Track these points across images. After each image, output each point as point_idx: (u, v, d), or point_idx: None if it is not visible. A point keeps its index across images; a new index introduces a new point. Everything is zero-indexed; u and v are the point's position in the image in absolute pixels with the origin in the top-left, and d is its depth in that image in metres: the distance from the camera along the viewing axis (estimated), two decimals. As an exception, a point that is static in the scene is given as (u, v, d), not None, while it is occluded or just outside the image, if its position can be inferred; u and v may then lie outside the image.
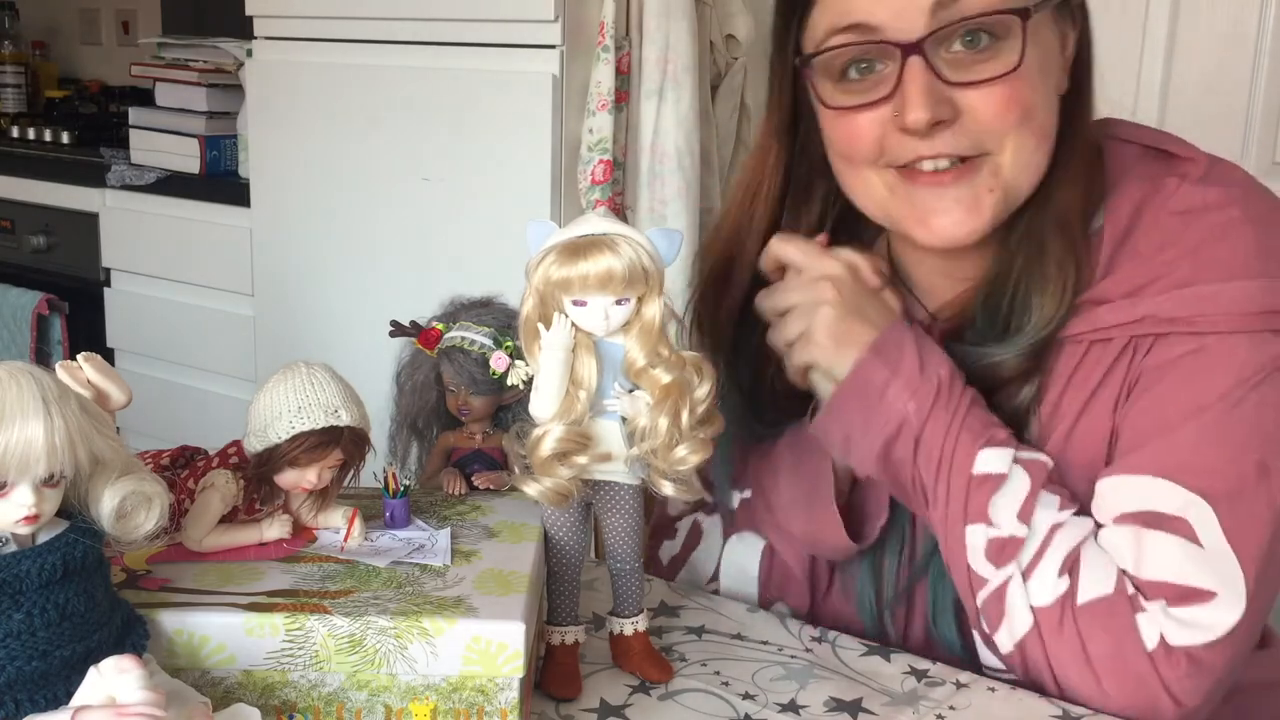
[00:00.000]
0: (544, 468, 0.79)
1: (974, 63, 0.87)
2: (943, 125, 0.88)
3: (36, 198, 2.83)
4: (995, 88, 0.87)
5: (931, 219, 0.92)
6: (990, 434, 0.91)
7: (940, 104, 0.87)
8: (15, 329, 2.84)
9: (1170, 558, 0.86)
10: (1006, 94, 0.87)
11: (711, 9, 2.17)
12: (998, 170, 0.90)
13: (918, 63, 0.86)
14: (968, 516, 0.90)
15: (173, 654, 0.72)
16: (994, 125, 0.88)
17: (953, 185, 0.90)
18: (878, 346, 0.93)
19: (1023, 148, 0.90)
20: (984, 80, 0.87)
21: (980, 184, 0.90)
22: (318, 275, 2.36)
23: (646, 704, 0.85)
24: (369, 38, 2.21)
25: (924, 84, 0.86)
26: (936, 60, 0.87)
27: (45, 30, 3.72)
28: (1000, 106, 0.87)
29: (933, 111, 0.87)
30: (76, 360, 0.70)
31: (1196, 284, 0.89)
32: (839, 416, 0.94)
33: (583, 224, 0.79)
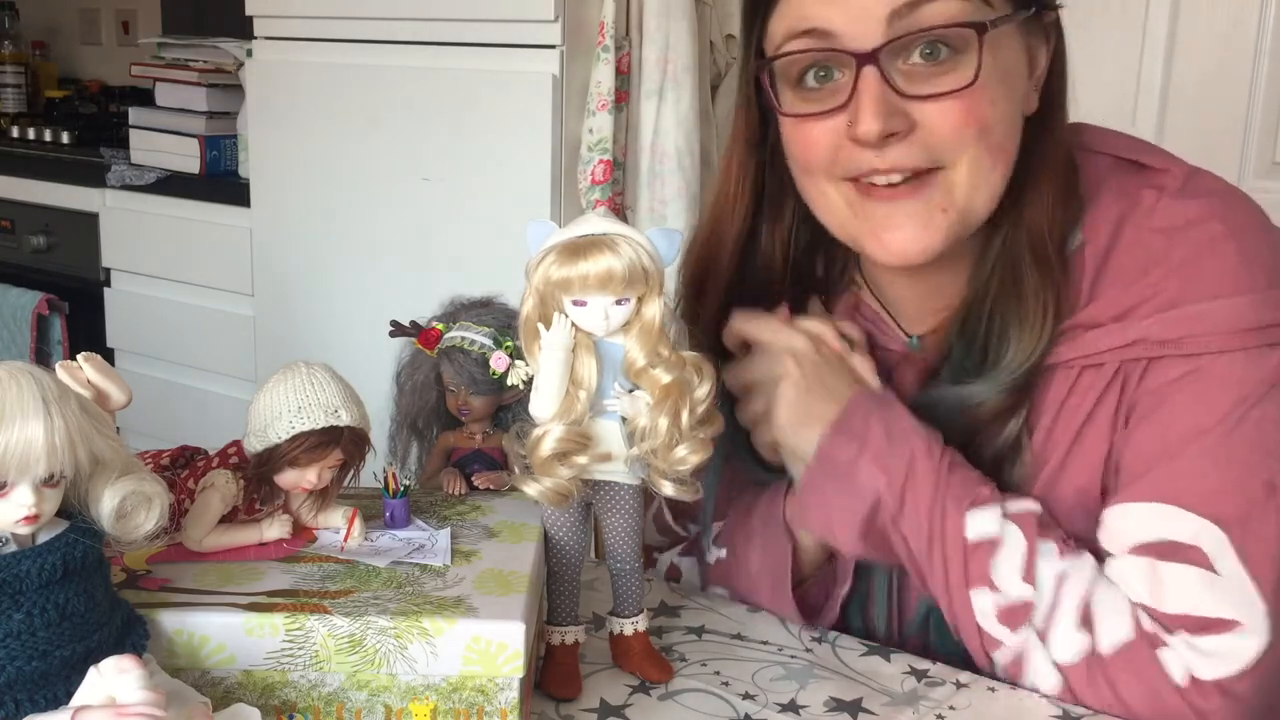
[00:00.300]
0: (544, 468, 0.79)
1: (931, 75, 0.85)
2: (896, 137, 0.86)
3: (36, 198, 2.84)
4: (951, 102, 0.84)
5: (885, 234, 0.90)
6: (974, 494, 0.90)
7: (893, 116, 0.85)
8: (15, 329, 2.84)
9: (1188, 589, 0.85)
10: (963, 108, 0.85)
11: (711, 9, 2.17)
12: (951, 188, 0.87)
13: (872, 73, 0.84)
14: (969, 582, 0.89)
15: (173, 654, 0.72)
16: (949, 139, 0.86)
17: (906, 200, 0.88)
18: (841, 423, 0.91)
19: (978, 165, 0.87)
20: (940, 94, 0.84)
21: (933, 201, 0.88)
22: (318, 275, 2.36)
23: (646, 704, 0.85)
24: (369, 38, 2.21)
25: (877, 94, 0.84)
26: (892, 71, 0.85)
27: (45, 30, 3.72)
28: (956, 121, 0.85)
29: (885, 123, 0.84)
30: (76, 360, 0.70)
31: (1184, 304, 0.87)
32: (813, 500, 0.93)
33: (583, 224, 0.79)
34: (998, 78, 0.86)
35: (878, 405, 0.93)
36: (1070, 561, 0.89)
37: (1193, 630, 0.85)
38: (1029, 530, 0.89)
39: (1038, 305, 0.90)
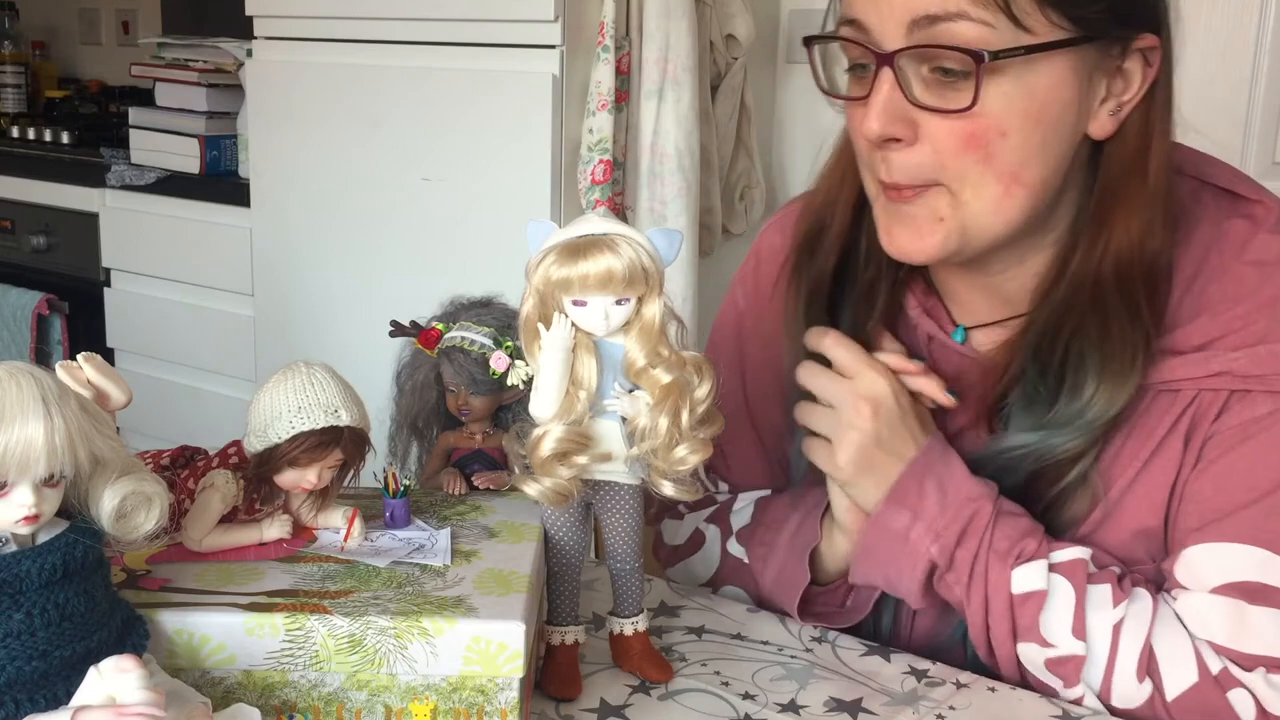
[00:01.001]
0: (544, 468, 0.79)
1: (941, 90, 0.84)
2: (901, 144, 0.86)
3: (36, 198, 2.84)
4: (955, 121, 0.84)
5: (891, 230, 0.92)
6: (1020, 548, 0.90)
7: (897, 121, 0.85)
8: (15, 329, 2.84)
9: (1274, 632, 0.85)
10: (965, 131, 0.84)
11: (711, 9, 2.17)
12: (955, 204, 0.88)
13: (887, 74, 0.85)
14: (1017, 636, 0.89)
15: (173, 654, 0.72)
16: (949, 159, 0.86)
17: (908, 203, 0.89)
18: (897, 493, 0.92)
19: (984, 189, 0.86)
20: (941, 110, 0.84)
21: (933, 209, 0.88)
22: (318, 275, 2.36)
23: (646, 704, 0.85)
24: (369, 38, 2.21)
25: (886, 96, 0.85)
26: (909, 76, 0.85)
27: (45, 30, 3.72)
28: (957, 142, 0.85)
29: (885, 127, 0.85)
30: (76, 360, 0.70)
31: (1272, 341, 0.87)
32: (871, 564, 0.94)
33: (583, 224, 0.79)
34: (1017, 111, 0.84)
35: (934, 467, 0.93)
36: (1127, 607, 0.89)
37: (1271, 669, 0.85)
38: (1078, 582, 0.89)
39: (1125, 352, 0.89)
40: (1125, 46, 0.88)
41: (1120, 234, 0.90)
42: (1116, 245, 0.90)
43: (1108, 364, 0.89)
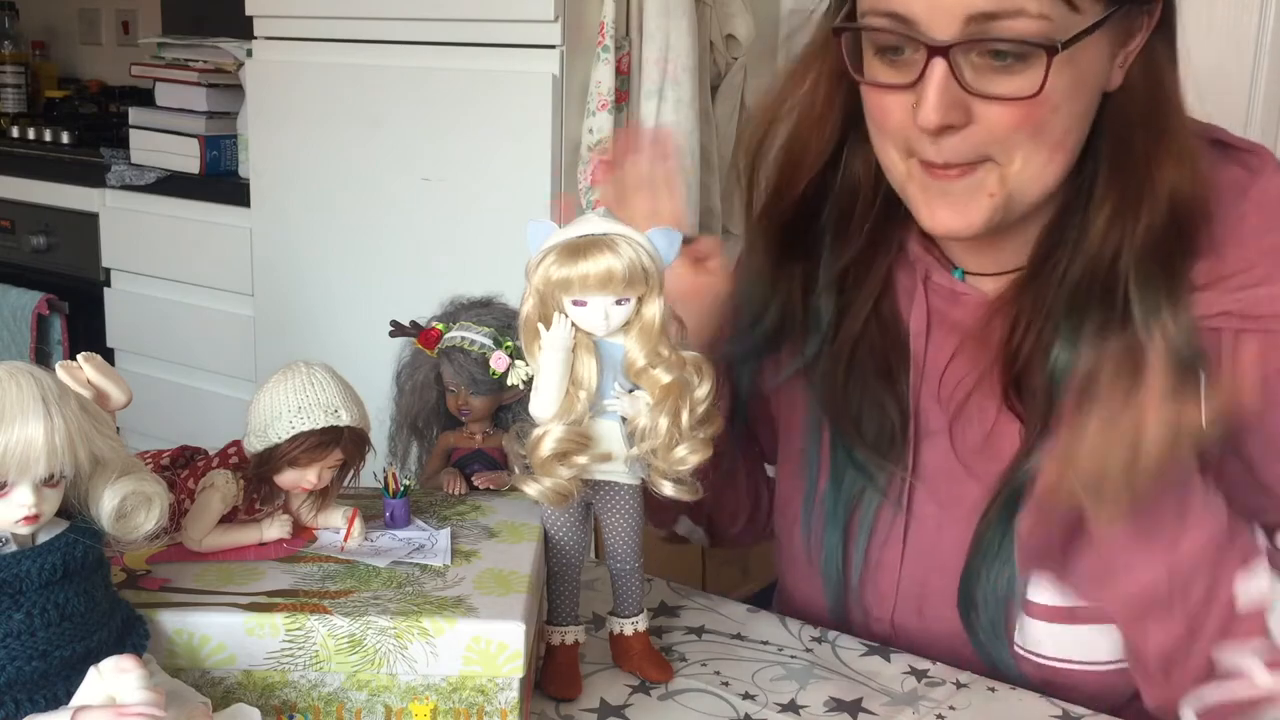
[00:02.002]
0: (544, 468, 0.79)
1: (996, 75, 0.86)
2: (952, 130, 0.88)
3: (36, 198, 2.83)
4: (1011, 106, 0.86)
5: (933, 208, 0.93)
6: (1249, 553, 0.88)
7: (954, 109, 0.86)
8: (15, 329, 2.84)
9: None
10: (1022, 114, 0.86)
11: (711, 9, 2.17)
12: (1004, 178, 0.90)
13: (941, 65, 0.85)
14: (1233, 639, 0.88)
15: (173, 654, 0.72)
16: (1003, 139, 0.88)
17: (956, 180, 0.90)
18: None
19: (1032, 160, 0.89)
20: (1002, 97, 0.86)
21: (984, 185, 0.90)
22: (318, 275, 2.36)
23: (646, 704, 0.85)
24: (369, 38, 2.21)
25: (942, 87, 0.86)
26: (962, 64, 0.86)
27: (45, 30, 3.71)
28: (1012, 123, 0.87)
29: (944, 117, 0.86)
30: (76, 360, 0.70)
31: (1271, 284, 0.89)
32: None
33: (583, 224, 0.79)
34: (1067, 86, 0.87)
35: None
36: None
37: None
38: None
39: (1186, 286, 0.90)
40: (1144, 6, 0.90)
41: (1171, 175, 0.91)
42: (1172, 186, 0.91)
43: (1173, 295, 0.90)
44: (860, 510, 1.03)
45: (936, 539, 1.01)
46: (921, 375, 1.02)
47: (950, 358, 1.00)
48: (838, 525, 1.03)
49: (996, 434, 0.97)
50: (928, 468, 1.01)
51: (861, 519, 1.03)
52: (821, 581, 1.05)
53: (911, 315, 1.02)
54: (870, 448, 1.01)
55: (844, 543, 1.03)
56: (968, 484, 0.98)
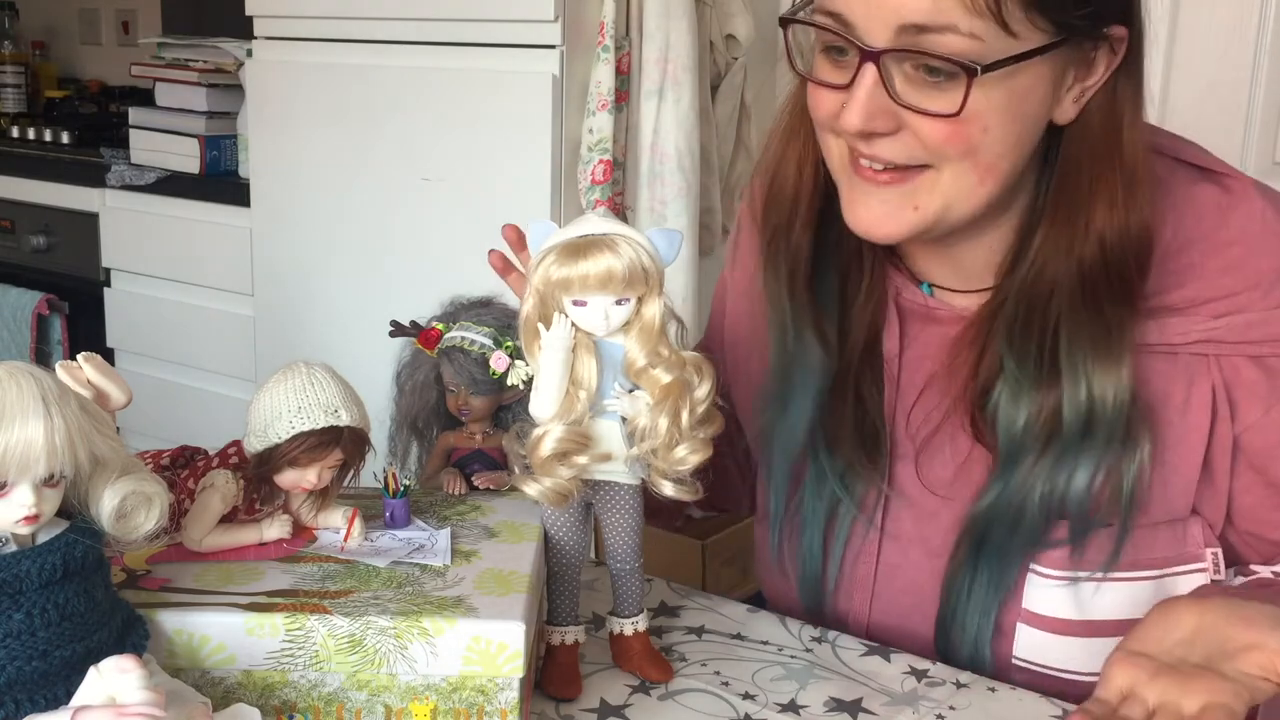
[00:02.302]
0: (544, 468, 0.79)
1: (925, 89, 0.85)
2: (879, 136, 0.87)
3: (36, 198, 2.83)
4: (938, 122, 0.85)
5: (856, 209, 0.92)
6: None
7: (879, 116, 0.86)
8: (15, 329, 2.84)
9: None
10: (948, 130, 0.85)
11: (711, 9, 2.17)
12: (932, 188, 0.89)
13: (871, 71, 0.85)
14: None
15: (173, 654, 0.72)
16: (932, 150, 0.87)
17: (884, 188, 0.90)
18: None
19: (961, 178, 0.88)
20: (925, 112, 0.85)
21: (910, 196, 0.89)
22: (318, 275, 2.36)
23: (646, 704, 0.85)
24: (369, 38, 2.21)
25: (870, 93, 0.85)
26: (892, 73, 0.85)
27: (45, 30, 3.72)
28: (940, 138, 0.86)
29: (866, 122, 0.86)
30: (76, 360, 0.70)
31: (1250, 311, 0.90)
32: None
33: (583, 224, 0.79)
34: (999, 109, 0.86)
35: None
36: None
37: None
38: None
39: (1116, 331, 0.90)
40: (1097, 40, 0.89)
41: (1102, 215, 0.91)
42: (1102, 226, 0.91)
43: (1099, 347, 0.90)
44: (836, 523, 1.02)
45: (911, 557, 1.01)
46: (897, 394, 1.02)
47: (920, 391, 1.00)
48: (815, 534, 1.03)
49: (969, 466, 0.97)
50: (902, 487, 1.01)
51: (837, 532, 1.02)
52: (797, 589, 1.05)
53: (885, 336, 1.02)
54: (850, 458, 1.00)
55: (822, 554, 1.03)
56: (942, 510, 0.99)
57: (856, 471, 1.01)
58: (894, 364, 1.01)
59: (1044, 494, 0.92)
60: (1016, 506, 0.92)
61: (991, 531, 0.94)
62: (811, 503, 1.03)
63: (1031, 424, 0.92)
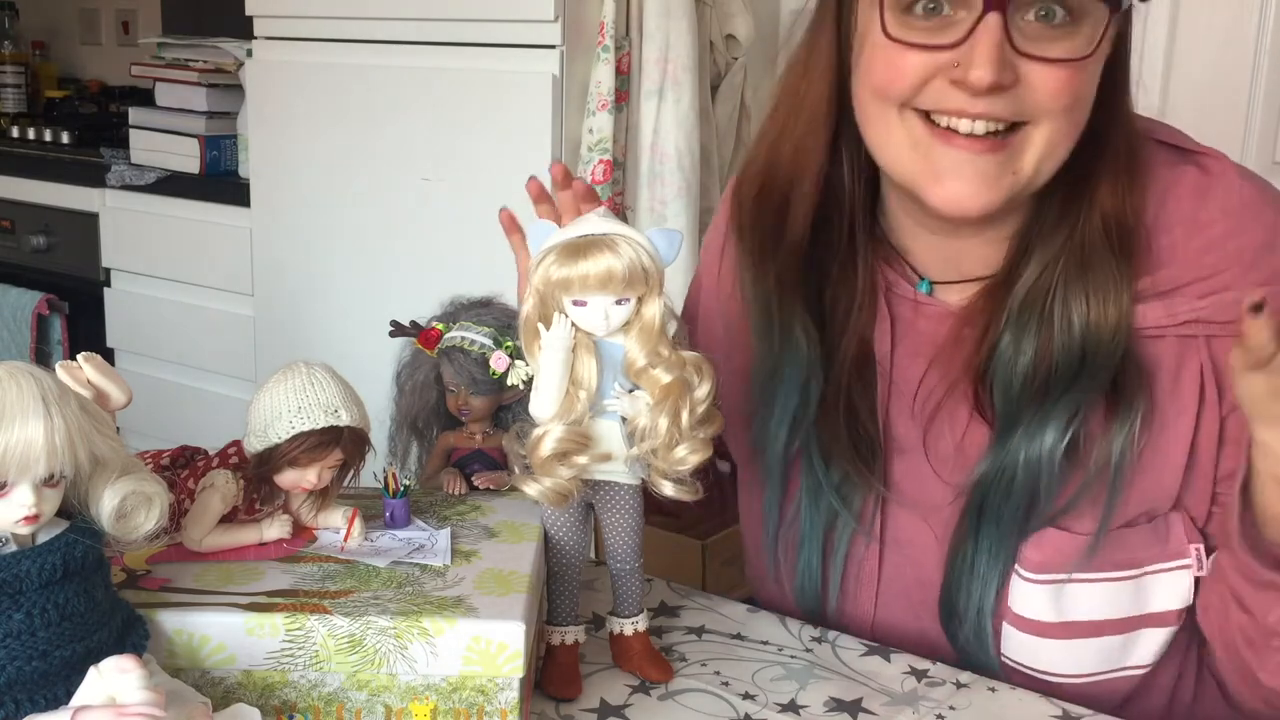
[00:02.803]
0: (544, 468, 0.79)
1: (1045, 37, 0.84)
2: (999, 90, 0.85)
3: (36, 198, 2.84)
4: (1060, 69, 0.85)
5: (949, 182, 0.89)
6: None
7: (1005, 68, 0.84)
8: (15, 329, 2.84)
9: None
10: (1067, 78, 0.85)
11: (711, 9, 2.17)
12: (1027, 150, 0.88)
13: (995, 21, 0.83)
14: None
15: (173, 654, 0.72)
16: (1044, 103, 0.86)
17: (983, 155, 0.88)
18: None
19: (1057, 133, 0.88)
20: (1053, 59, 0.84)
21: (1009, 161, 0.88)
22: (318, 275, 2.36)
23: (646, 704, 0.85)
24: (369, 38, 2.21)
25: (998, 43, 0.83)
26: (1013, 22, 0.84)
27: (45, 30, 3.72)
28: (1057, 87, 0.85)
29: (998, 75, 0.83)
30: (76, 360, 0.70)
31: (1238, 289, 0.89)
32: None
33: (583, 224, 0.79)
34: (1101, 56, 0.87)
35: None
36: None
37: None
38: None
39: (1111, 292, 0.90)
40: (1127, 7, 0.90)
41: (1106, 189, 0.92)
42: (1103, 200, 0.92)
43: (1093, 294, 0.90)
44: (835, 535, 1.01)
45: (913, 555, 1.00)
46: (889, 392, 1.00)
47: (923, 372, 0.99)
48: (814, 548, 1.02)
49: (967, 442, 0.96)
50: (901, 485, 1.00)
51: (836, 545, 1.01)
52: (794, 599, 1.05)
53: (876, 335, 1.00)
54: (845, 468, 0.99)
55: (821, 568, 1.02)
56: (943, 496, 0.98)
57: (853, 481, 1.00)
58: (886, 361, 1.00)
59: (1029, 456, 0.91)
60: (1008, 472, 0.92)
61: (989, 499, 0.93)
62: (809, 515, 1.01)
63: (1028, 382, 0.91)
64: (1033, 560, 0.93)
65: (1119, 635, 0.95)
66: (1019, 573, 0.94)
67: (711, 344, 1.09)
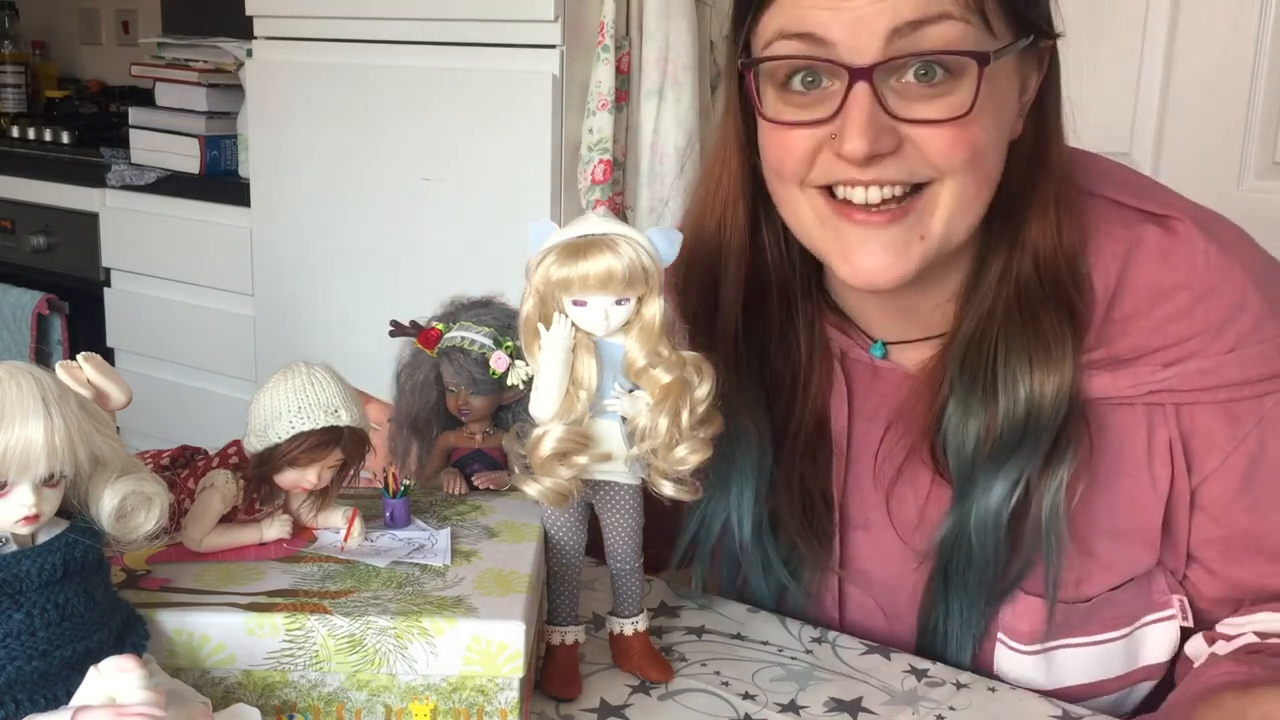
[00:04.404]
0: (544, 468, 0.79)
1: (924, 98, 0.81)
2: (879, 159, 0.82)
3: (36, 198, 2.84)
4: (945, 129, 0.82)
5: (856, 257, 0.86)
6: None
7: (882, 135, 0.81)
8: (15, 329, 2.84)
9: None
10: (954, 135, 0.82)
11: (711, 9, 2.17)
12: (932, 211, 0.85)
13: (864, 90, 0.80)
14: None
15: (173, 654, 0.72)
16: (937, 163, 0.83)
17: (884, 228, 0.85)
18: None
19: (964, 191, 0.85)
20: (932, 120, 0.82)
21: (914, 227, 0.85)
22: (318, 275, 2.36)
23: (646, 704, 0.85)
24: (369, 38, 2.21)
25: (868, 113, 0.80)
26: (885, 89, 0.81)
27: (45, 30, 3.72)
28: (947, 146, 0.82)
29: (872, 145, 0.81)
30: (76, 360, 0.70)
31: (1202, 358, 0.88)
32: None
33: (583, 224, 0.79)
34: (991, 106, 0.83)
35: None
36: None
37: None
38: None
39: (1055, 341, 0.88)
40: (1037, 46, 0.88)
41: (1036, 231, 0.89)
42: (1034, 242, 0.89)
43: (1037, 356, 0.88)
44: (788, 604, 1.00)
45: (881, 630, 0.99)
46: (846, 467, 0.99)
47: (880, 438, 0.97)
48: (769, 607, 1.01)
49: (930, 506, 0.95)
50: (859, 563, 0.99)
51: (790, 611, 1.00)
52: None
53: (832, 406, 0.98)
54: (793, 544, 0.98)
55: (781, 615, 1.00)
56: (905, 570, 0.96)
57: (801, 556, 0.98)
58: (843, 436, 0.98)
59: (979, 518, 0.89)
60: (965, 535, 0.90)
61: (952, 564, 0.92)
62: (758, 585, 1.00)
63: (980, 444, 0.89)
64: (1021, 631, 0.93)
65: (1113, 694, 0.95)
66: (1007, 643, 0.93)
67: None
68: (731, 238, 0.97)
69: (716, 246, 0.98)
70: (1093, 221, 0.91)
